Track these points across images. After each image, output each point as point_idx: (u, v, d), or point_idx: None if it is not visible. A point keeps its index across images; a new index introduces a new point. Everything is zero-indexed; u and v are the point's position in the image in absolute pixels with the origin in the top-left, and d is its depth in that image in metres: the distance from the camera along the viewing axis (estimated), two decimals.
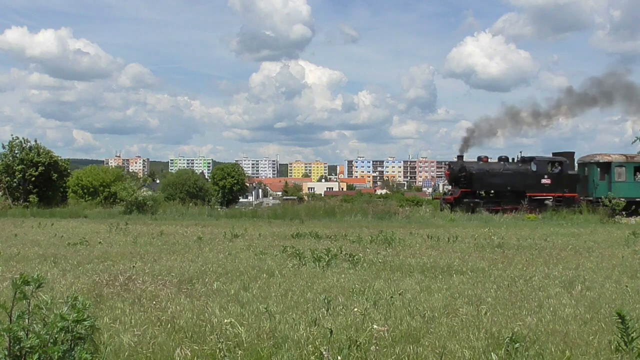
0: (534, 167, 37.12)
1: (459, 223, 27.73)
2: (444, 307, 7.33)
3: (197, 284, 8.83)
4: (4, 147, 40.83)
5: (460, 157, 37.77)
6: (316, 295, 7.85)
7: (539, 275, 10.19)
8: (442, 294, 8.22)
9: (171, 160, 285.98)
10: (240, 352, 5.35)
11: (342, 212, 31.87)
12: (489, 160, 37.98)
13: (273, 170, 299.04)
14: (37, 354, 4.13)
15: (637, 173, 37.88)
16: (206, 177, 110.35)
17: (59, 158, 43.40)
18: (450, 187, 37.78)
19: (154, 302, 7.37)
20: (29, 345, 4.14)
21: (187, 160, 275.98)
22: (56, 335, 4.28)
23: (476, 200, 35.54)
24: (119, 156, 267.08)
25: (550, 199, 36.41)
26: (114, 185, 44.81)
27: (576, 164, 39.78)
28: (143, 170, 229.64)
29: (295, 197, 43.92)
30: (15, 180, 39.09)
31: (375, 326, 5.44)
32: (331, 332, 5.12)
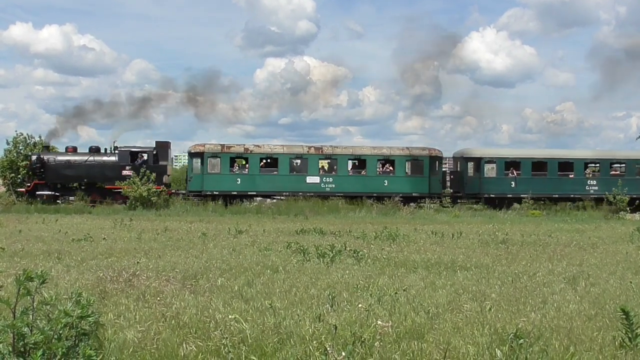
0: (116, 158, 34.85)
1: (463, 219, 27.70)
2: (448, 303, 7.33)
3: (201, 280, 8.84)
4: (8, 143, 40.88)
5: (46, 147, 36.07)
6: (320, 291, 7.86)
7: (543, 272, 10.18)
8: (446, 290, 8.21)
9: (175, 156, 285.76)
10: (244, 348, 5.36)
11: (346, 208, 31.88)
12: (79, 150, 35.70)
13: None
14: (41, 350, 4.13)
15: (235, 164, 35.57)
16: None
17: None
18: None
19: (158, 298, 7.38)
20: (33, 341, 4.14)
21: None
22: (60, 331, 4.28)
23: (49, 192, 33.97)
24: None
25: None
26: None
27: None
28: None
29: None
30: (19, 176, 39.13)
31: (379, 322, 5.43)
32: (335, 328, 5.12)
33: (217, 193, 34.06)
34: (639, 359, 5.25)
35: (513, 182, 36.19)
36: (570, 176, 36.72)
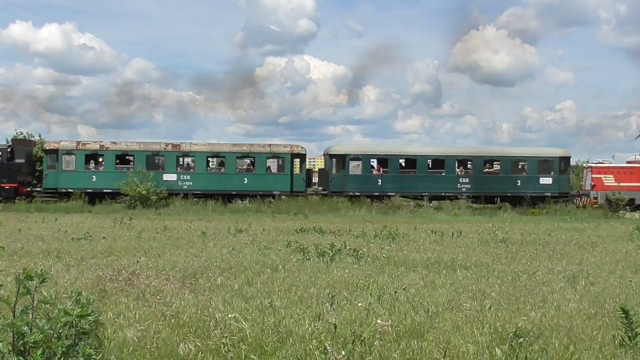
0: None
1: (463, 218, 27.71)
2: (448, 302, 7.33)
3: (200, 279, 8.83)
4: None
5: None
6: (320, 290, 7.86)
7: (542, 270, 10.18)
8: (446, 289, 8.21)
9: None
10: (244, 347, 5.35)
11: (345, 207, 31.87)
12: None
13: None
14: (41, 348, 4.13)
15: (91, 161, 34.89)
16: None
17: None
18: None
19: (158, 297, 7.37)
20: (32, 340, 4.14)
21: None
22: (60, 330, 4.28)
23: None
24: None
25: None
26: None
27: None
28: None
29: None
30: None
31: (379, 321, 5.43)
32: (335, 327, 5.11)
33: (71, 190, 33.68)
34: (638, 358, 5.25)
35: (379, 180, 35.34)
36: (442, 174, 35.82)
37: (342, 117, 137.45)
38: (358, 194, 34.64)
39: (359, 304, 6.53)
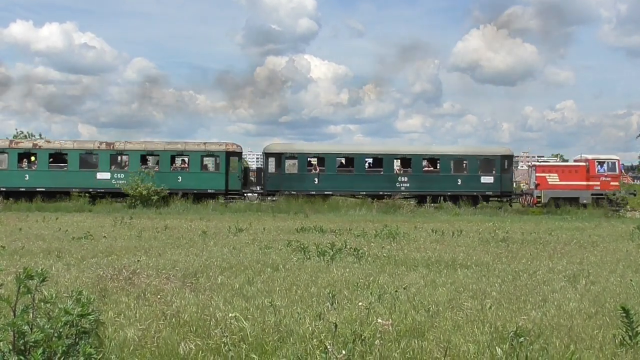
0: None
1: (464, 217, 27.70)
2: (449, 302, 7.33)
3: (201, 278, 8.84)
4: None
5: None
6: (321, 290, 7.86)
7: (543, 270, 10.18)
8: (446, 288, 8.21)
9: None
10: (244, 346, 5.35)
11: (346, 207, 31.88)
12: None
13: None
14: (42, 348, 4.13)
15: (24, 160, 34.55)
16: None
17: None
18: None
19: (159, 296, 7.37)
20: (33, 340, 4.14)
21: None
22: (60, 330, 4.28)
23: None
24: None
25: None
26: None
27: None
28: None
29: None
30: None
31: (379, 320, 5.43)
32: (336, 326, 5.11)
33: (4, 189, 33.56)
34: (639, 357, 5.25)
35: (316, 179, 35.16)
36: (381, 173, 35.53)
37: (342, 116, 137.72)
38: (294, 192, 34.34)
39: (360, 303, 6.53)
